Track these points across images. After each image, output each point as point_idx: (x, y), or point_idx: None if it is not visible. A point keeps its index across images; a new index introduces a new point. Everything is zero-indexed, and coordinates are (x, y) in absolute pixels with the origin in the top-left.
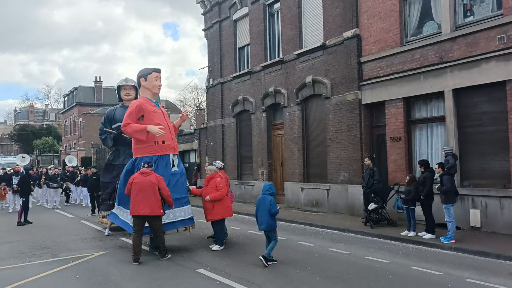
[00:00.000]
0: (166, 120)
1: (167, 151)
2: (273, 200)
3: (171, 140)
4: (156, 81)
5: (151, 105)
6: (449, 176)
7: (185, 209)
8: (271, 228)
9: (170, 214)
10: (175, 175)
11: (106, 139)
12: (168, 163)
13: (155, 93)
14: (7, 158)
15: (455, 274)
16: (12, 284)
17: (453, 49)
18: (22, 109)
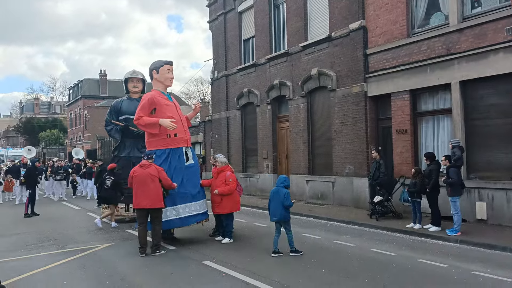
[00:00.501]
0: (179, 113)
1: (179, 144)
2: (287, 193)
3: (184, 133)
4: (168, 73)
5: (164, 98)
6: (455, 169)
7: (200, 203)
8: (285, 220)
9: (186, 208)
10: (190, 168)
11: (112, 131)
12: (181, 156)
13: (167, 85)
14: (13, 151)
15: (461, 266)
16: (21, 275)
17: (460, 41)
18: (28, 101)
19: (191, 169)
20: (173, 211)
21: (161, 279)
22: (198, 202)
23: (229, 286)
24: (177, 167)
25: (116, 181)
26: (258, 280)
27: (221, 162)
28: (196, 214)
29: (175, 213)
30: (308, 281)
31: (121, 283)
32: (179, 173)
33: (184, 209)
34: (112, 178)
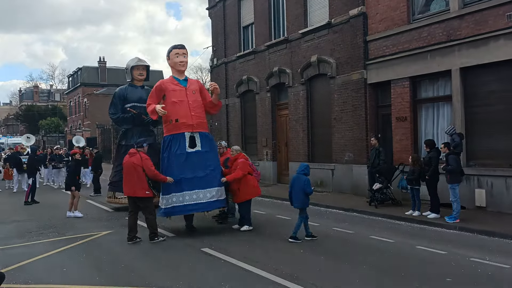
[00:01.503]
0: (189, 97)
1: (180, 130)
2: (307, 180)
3: (189, 118)
4: (177, 57)
5: (174, 83)
6: (454, 156)
7: (214, 190)
8: (305, 207)
9: (193, 195)
10: (196, 154)
11: (120, 119)
12: (182, 142)
13: (179, 70)
14: (14, 138)
15: (459, 253)
16: (21, 262)
17: (461, 27)
18: (27, 89)
19: (199, 156)
20: (179, 197)
21: (161, 266)
22: (210, 189)
23: (227, 272)
24: (177, 154)
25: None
26: (256, 267)
27: (236, 150)
28: (209, 202)
29: (181, 199)
30: (306, 267)
31: (121, 270)
32: (179, 159)
33: (191, 196)
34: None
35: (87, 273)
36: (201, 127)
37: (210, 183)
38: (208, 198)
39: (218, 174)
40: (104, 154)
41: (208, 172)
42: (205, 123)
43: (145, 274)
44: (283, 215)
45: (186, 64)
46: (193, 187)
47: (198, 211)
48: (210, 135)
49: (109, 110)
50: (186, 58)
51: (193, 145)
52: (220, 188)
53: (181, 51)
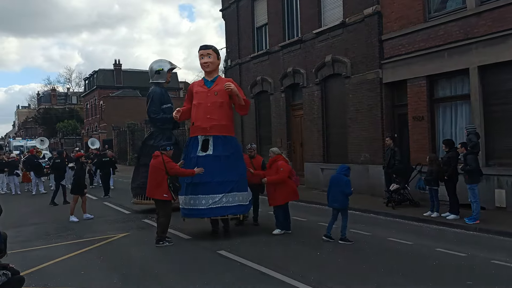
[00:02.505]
0: (208, 99)
1: (195, 133)
2: (348, 181)
3: (204, 121)
4: (201, 59)
5: (200, 85)
6: (473, 155)
7: (231, 195)
8: (344, 207)
9: (209, 199)
10: (202, 158)
11: (162, 119)
12: (195, 146)
13: (205, 71)
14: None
15: (480, 255)
16: (41, 265)
17: (478, 25)
18: (45, 93)
19: (210, 160)
20: (196, 200)
21: (177, 268)
22: (228, 194)
23: (243, 275)
24: (190, 157)
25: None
26: (273, 269)
27: (274, 152)
28: (225, 207)
29: (197, 202)
30: (323, 270)
31: (138, 272)
32: (191, 163)
33: (207, 200)
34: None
35: (105, 276)
36: (216, 130)
37: (217, 188)
38: (209, 205)
39: (234, 180)
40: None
41: (219, 177)
42: (224, 126)
43: (162, 277)
44: (299, 216)
45: (212, 64)
46: (198, 192)
47: (212, 216)
48: (228, 138)
49: (148, 108)
50: (212, 58)
51: (206, 148)
52: (231, 194)
53: (205, 51)
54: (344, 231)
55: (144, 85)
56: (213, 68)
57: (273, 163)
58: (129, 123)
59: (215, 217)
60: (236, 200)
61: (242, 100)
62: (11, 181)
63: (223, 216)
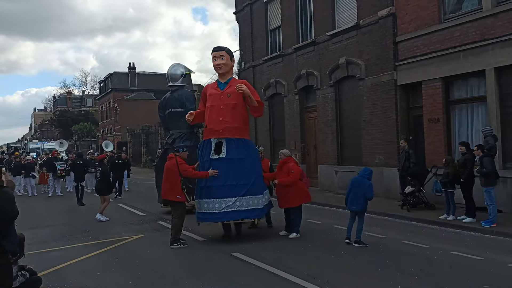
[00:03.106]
0: (221, 101)
1: (208, 136)
2: (370, 185)
3: (217, 123)
4: (214, 61)
5: (213, 88)
6: (489, 158)
7: (242, 200)
8: (363, 211)
9: (222, 203)
10: (216, 161)
11: None
12: (208, 149)
13: (218, 73)
14: (49, 144)
15: (496, 259)
16: (57, 266)
17: (494, 26)
18: (61, 95)
19: (224, 163)
20: (209, 204)
21: (192, 270)
22: (242, 197)
23: (258, 278)
24: (204, 160)
25: (105, 172)
26: (288, 272)
27: (284, 154)
28: (238, 211)
29: (211, 206)
30: (339, 273)
31: (152, 274)
32: (204, 166)
33: (220, 204)
34: (100, 169)
35: (120, 277)
36: (229, 132)
37: (231, 192)
38: (222, 208)
39: (248, 183)
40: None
41: (232, 181)
42: (238, 128)
43: (176, 279)
44: (313, 219)
45: (225, 66)
46: (211, 196)
47: (225, 220)
48: (242, 141)
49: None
50: (225, 60)
51: (219, 151)
52: (245, 198)
53: (217, 53)
54: (359, 234)
55: (159, 88)
56: (226, 70)
57: (284, 165)
58: (144, 126)
59: (228, 221)
60: (250, 203)
61: (255, 102)
62: (27, 183)
63: (236, 220)
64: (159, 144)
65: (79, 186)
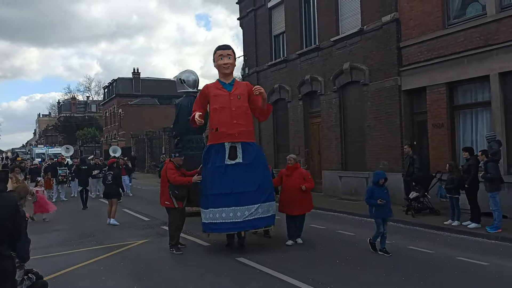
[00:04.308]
0: (232, 103)
1: (220, 139)
2: (368, 189)
3: (230, 126)
4: (220, 59)
5: (217, 88)
6: (493, 163)
7: (249, 208)
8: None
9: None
10: (232, 167)
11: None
12: (221, 153)
13: (224, 73)
14: (54, 149)
15: (502, 264)
16: (62, 271)
17: (499, 31)
18: (65, 101)
19: (240, 168)
20: (216, 214)
21: (197, 275)
22: (250, 206)
23: (263, 282)
24: (216, 166)
25: (117, 176)
26: (292, 277)
27: (294, 159)
28: (248, 220)
29: (218, 216)
30: (343, 278)
31: (157, 279)
32: (218, 172)
33: (228, 213)
34: (112, 173)
35: (125, 282)
36: (244, 136)
37: (252, 199)
38: (246, 217)
39: (266, 189)
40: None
41: (252, 187)
42: (251, 132)
43: (181, 284)
44: (318, 224)
45: (232, 66)
46: (230, 204)
47: (249, 229)
48: (255, 145)
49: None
50: (232, 60)
51: (234, 156)
52: (265, 204)
53: (225, 52)
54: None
55: (163, 93)
56: (232, 70)
57: (294, 171)
58: (148, 131)
59: (253, 229)
60: (269, 210)
61: (266, 105)
62: (32, 187)
63: (256, 229)
64: (163, 149)
65: (84, 191)
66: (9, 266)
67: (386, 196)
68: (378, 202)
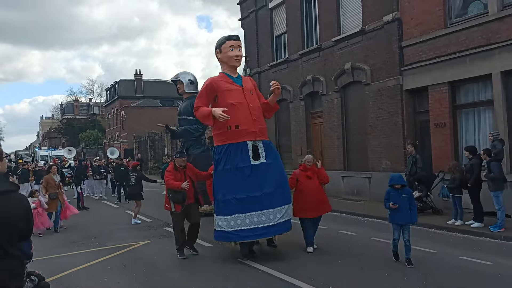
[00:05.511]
0: (247, 98)
1: (241, 138)
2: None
3: (251, 124)
4: (231, 51)
5: (228, 82)
6: (496, 162)
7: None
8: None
9: (262, 216)
10: (257, 167)
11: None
12: (244, 153)
13: (234, 66)
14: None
15: (505, 263)
16: (65, 272)
17: (500, 30)
18: (68, 103)
19: (265, 168)
20: (245, 219)
21: (198, 276)
22: (281, 208)
23: (265, 282)
24: (238, 167)
25: (140, 177)
26: (293, 277)
27: (312, 160)
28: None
29: (248, 221)
30: (346, 278)
31: (159, 279)
32: (242, 173)
33: (260, 217)
34: (136, 175)
35: (127, 283)
36: (263, 134)
37: (279, 200)
38: (278, 219)
39: (286, 189)
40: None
41: (276, 188)
42: (266, 130)
43: (183, 284)
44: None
45: (241, 59)
46: (262, 207)
47: (270, 235)
48: (272, 144)
49: None
50: (241, 52)
51: (257, 156)
52: (288, 206)
53: (237, 43)
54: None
55: (165, 95)
56: (240, 64)
57: (313, 172)
58: (150, 133)
59: (284, 233)
60: (287, 213)
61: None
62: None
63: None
64: (165, 150)
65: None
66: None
67: (403, 201)
68: (390, 206)
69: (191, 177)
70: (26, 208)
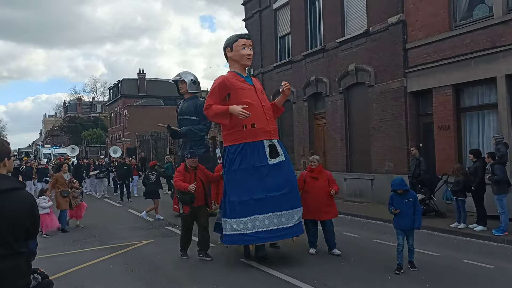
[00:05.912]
0: (260, 97)
1: (258, 137)
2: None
3: (265, 123)
4: (243, 49)
5: (240, 80)
6: (500, 166)
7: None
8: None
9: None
10: (275, 166)
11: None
12: (261, 151)
13: (245, 65)
14: (60, 149)
15: (508, 267)
16: (67, 270)
17: (506, 33)
18: (71, 102)
19: (284, 167)
20: (264, 221)
21: (201, 276)
22: (298, 209)
23: (266, 283)
24: (256, 166)
25: (159, 176)
26: (297, 278)
27: (318, 161)
28: (296, 225)
29: (267, 223)
30: (349, 280)
31: (161, 278)
32: (260, 173)
33: (279, 218)
34: (155, 174)
35: (130, 282)
36: (276, 133)
37: (297, 201)
38: (295, 221)
39: (297, 191)
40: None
41: (292, 188)
42: (277, 130)
43: (185, 284)
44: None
45: (252, 58)
46: (281, 208)
47: (289, 237)
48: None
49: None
50: (252, 52)
51: (273, 155)
52: (301, 208)
53: (248, 42)
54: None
55: (168, 94)
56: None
57: (320, 172)
58: (153, 132)
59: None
60: (300, 215)
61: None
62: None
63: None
64: (168, 150)
65: None
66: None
67: (407, 206)
68: (392, 211)
69: (202, 179)
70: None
